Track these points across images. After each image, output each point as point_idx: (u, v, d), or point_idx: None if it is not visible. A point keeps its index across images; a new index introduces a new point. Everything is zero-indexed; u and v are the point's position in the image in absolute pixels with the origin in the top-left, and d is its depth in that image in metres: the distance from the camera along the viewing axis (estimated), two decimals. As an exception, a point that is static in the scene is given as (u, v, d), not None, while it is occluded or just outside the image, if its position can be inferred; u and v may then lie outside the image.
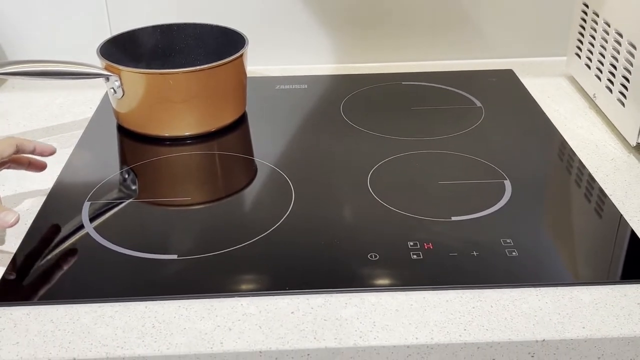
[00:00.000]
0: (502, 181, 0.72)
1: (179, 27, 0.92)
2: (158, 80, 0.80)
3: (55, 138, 0.84)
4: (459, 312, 0.55)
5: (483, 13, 1.01)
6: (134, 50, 0.90)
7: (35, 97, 0.95)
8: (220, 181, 0.77)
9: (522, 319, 0.54)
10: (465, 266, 0.59)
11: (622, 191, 0.70)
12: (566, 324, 0.53)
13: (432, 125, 0.84)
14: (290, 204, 0.69)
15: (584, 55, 0.90)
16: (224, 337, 0.53)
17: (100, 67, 0.81)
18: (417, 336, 0.53)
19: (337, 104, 0.90)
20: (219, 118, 0.85)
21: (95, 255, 0.62)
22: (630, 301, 0.56)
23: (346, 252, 0.62)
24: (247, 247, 0.62)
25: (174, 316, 0.55)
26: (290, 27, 1.02)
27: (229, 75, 0.83)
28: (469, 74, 0.99)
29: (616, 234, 0.64)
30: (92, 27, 1.00)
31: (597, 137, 0.81)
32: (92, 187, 0.72)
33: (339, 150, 0.80)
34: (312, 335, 0.53)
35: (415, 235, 0.63)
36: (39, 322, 0.54)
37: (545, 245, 0.63)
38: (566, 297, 0.56)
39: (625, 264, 0.61)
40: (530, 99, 0.91)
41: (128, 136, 0.84)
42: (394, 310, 0.55)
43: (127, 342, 0.52)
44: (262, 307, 0.56)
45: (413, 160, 0.77)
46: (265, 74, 1.01)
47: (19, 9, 1.00)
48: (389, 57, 1.04)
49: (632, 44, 0.75)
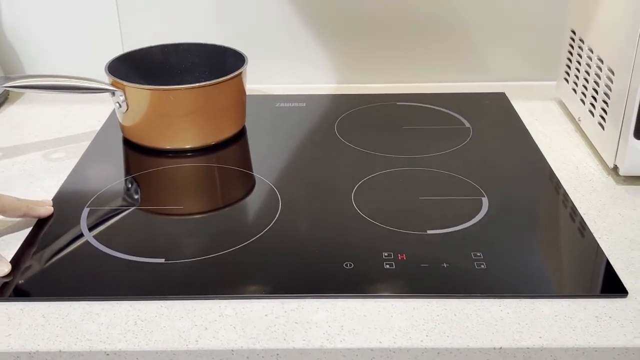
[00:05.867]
0: (480, 198, 0.75)
1: (184, 46, 0.97)
2: (160, 95, 0.84)
3: (64, 148, 0.89)
4: (424, 319, 0.58)
5: (479, 38, 1.05)
6: (142, 67, 0.94)
7: (49, 110, 1.01)
8: (214, 192, 0.81)
9: (482, 327, 0.57)
10: (435, 277, 0.63)
11: (596, 210, 0.73)
12: (524, 334, 0.56)
13: (419, 144, 0.88)
14: (276, 214, 0.72)
15: (571, 79, 0.93)
16: (200, 335, 0.56)
17: (106, 83, 0.86)
18: (381, 340, 0.56)
19: (332, 122, 0.94)
20: (218, 132, 0.89)
21: (89, 257, 0.66)
22: (588, 314, 0.58)
23: (323, 260, 0.65)
24: (230, 253, 0.66)
25: (155, 315, 0.59)
26: (292, 49, 1.07)
27: (228, 92, 0.88)
28: (462, 96, 1.02)
29: (583, 251, 0.67)
30: (105, 45, 1.06)
31: (579, 158, 0.84)
32: (93, 194, 0.77)
33: (329, 165, 0.83)
34: (282, 337, 0.56)
35: (390, 246, 0.66)
36: (31, 317, 0.59)
37: (513, 259, 0.65)
38: (527, 308, 0.59)
39: (589, 279, 0.63)
40: (518, 121, 0.94)
41: (132, 148, 0.89)
42: (362, 315, 0.58)
43: (110, 338, 0.56)
44: (238, 309, 0.59)
45: (397, 176, 0.80)
46: (267, 92, 1.06)
47: (40, 28, 1.06)
48: (386, 78, 1.08)
49: (611, 69, 0.78)
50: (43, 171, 0.83)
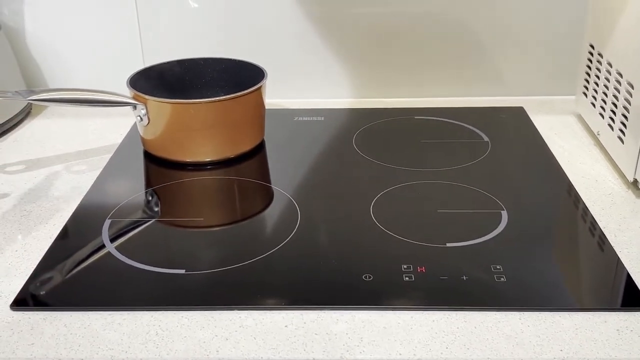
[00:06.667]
0: (499, 211, 0.75)
1: (204, 61, 0.98)
2: (180, 109, 0.86)
3: (85, 161, 0.90)
4: (444, 332, 0.58)
5: (497, 52, 1.05)
6: (163, 81, 0.96)
7: (72, 123, 1.02)
8: (234, 204, 0.82)
9: (502, 340, 0.57)
10: (455, 289, 0.63)
11: (616, 224, 0.73)
12: (544, 347, 0.56)
13: (438, 157, 0.88)
14: (295, 226, 0.73)
15: (589, 94, 0.93)
16: (220, 345, 0.57)
17: (128, 96, 0.87)
18: (400, 352, 0.56)
19: (351, 135, 0.95)
20: (238, 145, 0.90)
21: (110, 267, 0.67)
22: (609, 327, 0.58)
23: (342, 272, 0.66)
24: (249, 265, 0.66)
25: (176, 325, 0.59)
26: (310, 64, 1.07)
27: (247, 106, 0.89)
28: (481, 110, 1.03)
29: (603, 264, 0.67)
30: (127, 59, 1.08)
31: (598, 172, 0.84)
32: (115, 206, 0.78)
33: (347, 178, 0.84)
34: (302, 347, 0.57)
35: (409, 259, 0.67)
36: (53, 326, 0.59)
37: (533, 272, 0.65)
38: (548, 322, 0.59)
39: (609, 292, 0.63)
40: (537, 135, 0.94)
41: (153, 161, 0.90)
42: (382, 327, 0.59)
43: (131, 347, 0.57)
44: (258, 320, 0.60)
45: (416, 189, 0.80)
46: (286, 106, 1.07)
47: (63, 43, 1.08)
48: (404, 92, 1.08)
49: (631, 83, 0.78)
50: (65, 183, 0.84)
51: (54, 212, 0.78)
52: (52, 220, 0.76)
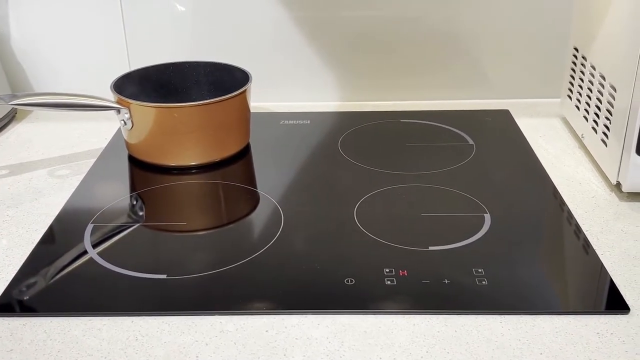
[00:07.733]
0: (482, 214, 0.75)
1: (189, 65, 0.98)
2: (164, 113, 0.85)
3: (69, 166, 0.90)
4: (424, 336, 0.58)
5: (482, 55, 1.06)
6: (148, 85, 0.95)
7: (56, 127, 1.02)
8: (218, 208, 0.82)
9: (483, 343, 0.57)
10: (436, 293, 0.63)
11: (599, 227, 0.73)
12: (524, 350, 0.56)
13: (422, 160, 0.88)
14: (278, 230, 0.73)
15: (574, 97, 0.93)
16: (200, 350, 0.57)
17: (112, 101, 0.87)
18: (381, 356, 0.56)
19: (336, 139, 0.95)
20: (223, 149, 0.90)
21: (91, 273, 0.67)
22: (589, 330, 0.58)
23: (324, 276, 0.65)
24: (231, 270, 0.66)
25: (156, 330, 0.59)
26: (296, 67, 1.07)
27: (232, 110, 0.88)
28: (466, 113, 1.03)
29: (585, 267, 0.67)
30: (112, 63, 1.07)
31: (582, 175, 0.84)
32: (98, 211, 0.77)
33: (332, 182, 0.84)
34: (283, 352, 0.56)
35: (392, 262, 0.67)
36: (33, 332, 0.59)
37: (514, 275, 0.65)
38: (528, 325, 0.59)
39: (590, 295, 0.63)
40: (521, 138, 0.94)
41: (137, 165, 0.89)
42: (363, 331, 0.58)
43: (111, 353, 0.56)
44: (239, 325, 0.59)
45: (400, 193, 0.80)
46: (271, 109, 1.07)
47: (47, 47, 1.08)
48: (390, 95, 1.08)
49: (614, 86, 0.78)
50: (48, 188, 0.84)
51: (37, 217, 0.77)
52: (34, 226, 0.75)
